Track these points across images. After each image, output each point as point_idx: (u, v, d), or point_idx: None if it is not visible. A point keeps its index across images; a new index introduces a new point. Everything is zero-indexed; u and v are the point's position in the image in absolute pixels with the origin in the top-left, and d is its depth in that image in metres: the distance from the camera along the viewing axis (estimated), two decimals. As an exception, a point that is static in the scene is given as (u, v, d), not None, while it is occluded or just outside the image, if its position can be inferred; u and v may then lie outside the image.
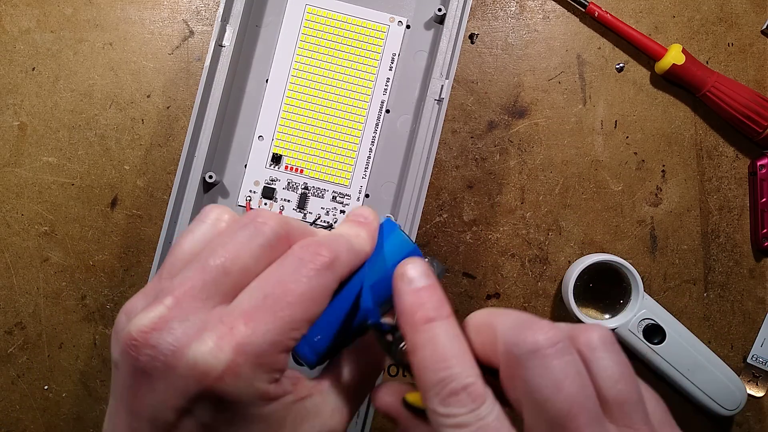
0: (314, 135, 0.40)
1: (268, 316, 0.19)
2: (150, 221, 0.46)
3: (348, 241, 0.21)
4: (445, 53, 0.38)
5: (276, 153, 0.40)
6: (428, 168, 0.37)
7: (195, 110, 0.37)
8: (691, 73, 0.46)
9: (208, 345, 0.18)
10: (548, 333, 0.18)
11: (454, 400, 0.18)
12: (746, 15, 0.48)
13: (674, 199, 0.48)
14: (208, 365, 0.18)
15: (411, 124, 0.40)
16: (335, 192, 0.40)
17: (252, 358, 0.18)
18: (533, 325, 0.19)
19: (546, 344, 0.18)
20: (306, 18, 0.41)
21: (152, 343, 0.18)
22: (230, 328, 0.18)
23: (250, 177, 0.40)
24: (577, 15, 0.48)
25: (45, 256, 0.46)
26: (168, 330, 0.18)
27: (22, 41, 0.46)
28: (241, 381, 0.18)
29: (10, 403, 0.45)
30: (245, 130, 0.40)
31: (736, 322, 0.47)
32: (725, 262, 0.48)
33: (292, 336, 0.19)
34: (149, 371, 0.18)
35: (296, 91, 0.40)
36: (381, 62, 0.40)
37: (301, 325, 0.19)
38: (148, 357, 0.18)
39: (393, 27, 0.41)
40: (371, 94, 0.40)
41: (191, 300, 0.19)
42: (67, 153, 0.46)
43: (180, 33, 0.47)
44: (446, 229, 0.47)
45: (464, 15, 0.38)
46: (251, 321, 0.19)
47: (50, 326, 0.46)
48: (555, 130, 0.47)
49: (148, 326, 0.18)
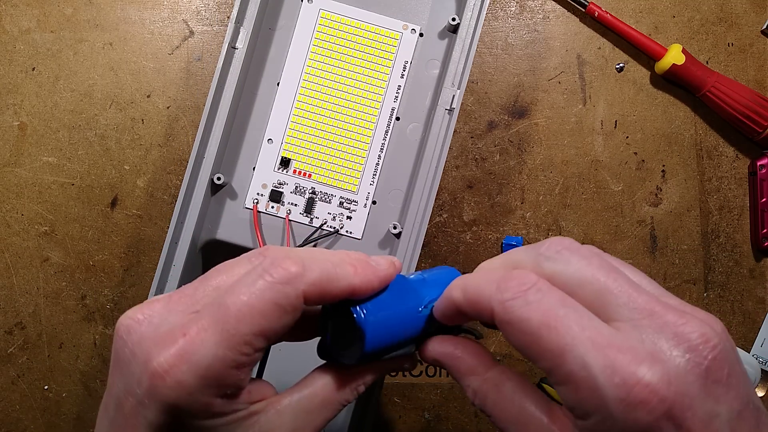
0: (323, 140, 0.40)
1: (215, 326, 0.19)
2: (150, 221, 0.46)
3: (327, 262, 0.21)
4: (457, 63, 0.38)
5: (285, 156, 0.40)
6: (437, 177, 0.37)
7: (206, 111, 0.37)
8: (691, 73, 0.46)
9: (163, 346, 0.19)
10: (513, 287, 0.19)
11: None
12: (746, 15, 0.48)
13: (674, 199, 0.48)
14: (155, 364, 0.18)
15: (421, 133, 0.40)
16: (342, 198, 0.40)
17: (194, 368, 0.18)
18: (501, 282, 0.19)
19: (515, 293, 0.19)
20: (319, 23, 0.41)
21: (128, 332, 0.20)
22: (183, 334, 0.19)
23: (258, 180, 0.40)
24: (577, 15, 0.48)
25: (45, 256, 0.46)
26: (145, 324, 0.20)
27: (22, 41, 0.46)
28: (183, 389, 0.18)
29: (10, 403, 0.45)
30: (255, 133, 0.40)
31: (736, 322, 0.47)
32: (725, 262, 0.48)
33: (242, 351, 0.19)
34: (120, 356, 0.20)
35: (307, 96, 0.40)
36: (393, 69, 0.40)
37: (249, 339, 0.19)
38: (121, 343, 0.20)
39: (406, 35, 0.41)
40: (382, 100, 0.40)
41: (179, 302, 0.20)
42: (67, 153, 0.46)
43: (180, 33, 0.47)
44: (446, 229, 0.47)
45: (478, 25, 0.38)
46: (202, 331, 0.19)
47: (50, 326, 0.46)
48: (555, 130, 0.47)
49: (132, 317, 0.20)
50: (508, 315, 0.18)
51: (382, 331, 0.22)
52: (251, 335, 0.19)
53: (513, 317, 0.18)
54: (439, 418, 0.46)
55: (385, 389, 0.46)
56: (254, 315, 0.19)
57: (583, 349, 0.17)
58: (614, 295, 0.18)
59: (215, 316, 0.19)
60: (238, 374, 0.19)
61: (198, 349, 0.18)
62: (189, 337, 0.19)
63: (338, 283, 0.21)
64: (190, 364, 0.18)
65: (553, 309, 0.18)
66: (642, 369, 0.16)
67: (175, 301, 0.20)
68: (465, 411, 0.46)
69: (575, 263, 0.19)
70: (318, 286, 0.20)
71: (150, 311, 0.20)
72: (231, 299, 0.19)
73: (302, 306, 0.20)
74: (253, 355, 0.19)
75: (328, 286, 0.20)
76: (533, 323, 0.18)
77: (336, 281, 0.21)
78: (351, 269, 0.21)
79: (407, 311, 0.22)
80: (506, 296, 0.19)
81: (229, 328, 0.19)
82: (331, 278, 0.20)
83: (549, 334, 0.18)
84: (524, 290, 0.18)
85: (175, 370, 0.18)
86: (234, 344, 0.19)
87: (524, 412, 0.20)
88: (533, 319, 0.18)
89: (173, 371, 0.18)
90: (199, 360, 0.18)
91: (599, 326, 0.18)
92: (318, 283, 0.20)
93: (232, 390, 0.19)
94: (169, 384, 0.18)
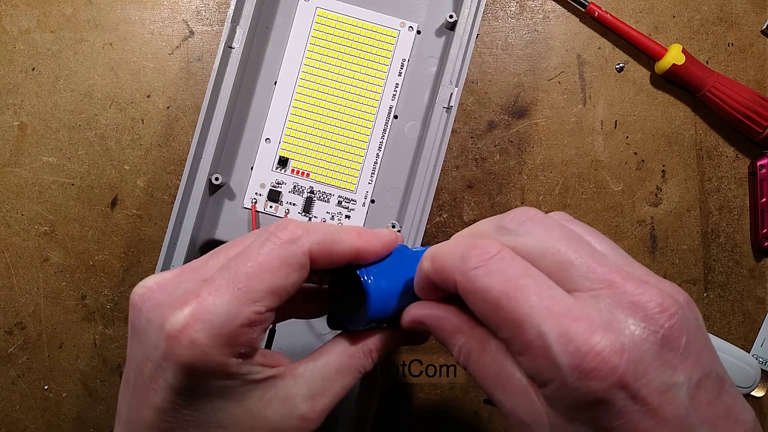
0: (321, 139, 0.40)
1: (227, 286, 0.19)
2: (150, 221, 0.46)
3: (330, 227, 0.22)
4: (455, 60, 0.38)
5: (283, 156, 0.40)
6: (435, 176, 0.37)
7: (203, 111, 0.37)
8: (691, 73, 0.46)
9: (176, 308, 0.19)
10: (475, 257, 0.19)
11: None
12: (746, 15, 0.48)
13: (674, 199, 0.48)
14: (169, 326, 0.19)
15: (419, 131, 0.40)
16: (341, 197, 0.40)
17: (208, 327, 0.19)
18: (465, 251, 0.19)
19: (478, 262, 0.19)
20: (316, 21, 0.41)
21: (143, 300, 0.20)
22: (196, 296, 0.19)
23: (256, 179, 0.40)
24: (577, 15, 0.48)
25: (45, 256, 0.46)
26: (158, 291, 0.20)
27: (22, 41, 0.46)
28: (198, 348, 0.19)
29: (10, 403, 0.45)
30: (252, 133, 0.40)
31: (736, 322, 0.47)
32: (725, 262, 0.48)
33: (253, 309, 0.19)
34: (136, 325, 0.20)
35: (304, 95, 0.40)
36: (390, 67, 0.40)
37: (260, 296, 0.20)
38: (137, 311, 0.20)
39: (403, 32, 0.41)
40: (380, 99, 0.40)
41: (191, 272, 0.21)
42: (67, 153, 0.46)
43: (180, 33, 0.47)
44: (446, 229, 0.47)
45: (476, 22, 0.38)
46: (214, 291, 0.19)
47: (50, 326, 0.46)
48: (555, 130, 0.47)
49: (146, 286, 0.21)
50: (470, 284, 0.19)
51: (386, 293, 0.22)
52: (262, 292, 0.20)
53: (475, 287, 0.18)
54: (440, 418, 0.46)
55: (385, 389, 0.46)
56: (264, 273, 0.20)
57: (540, 319, 0.17)
58: (574, 266, 0.18)
59: (226, 277, 0.20)
60: (251, 333, 0.20)
61: (211, 308, 0.19)
62: (201, 298, 0.19)
63: (342, 244, 0.22)
64: (204, 323, 0.19)
65: (513, 278, 0.18)
66: (596, 337, 0.16)
67: (188, 271, 0.21)
68: (465, 411, 0.46)
69: (537, 234, 0.19)
70: (323, 245, 0.21)
71: (163, 279, 0.21)
72: (241, 261, 0.20)
73: (308, 264, 0.21)
74: (265, 314, 0.20)
75: (333, 246, 0.21)
76: (494, 293, 0.18)
77: (340, 242, 0.22)
78: (354, 232, 0.22)
79: (410, 277, 0.23)
80: (469, 265, 0.19)
81: (240, 286, 0.19)
82: (335, 239, 0.22)
83: (509, 303, 0.18)
84: (486, 259, 0.18)
85: (189, 329, 0.19)
86: (246, 301, 0.19)
87: (505, 372, 0.19)
88: (494, 288, 0.18)
89: (187, 331, 0.19)
90: (212, 319, 0.19)
91: (558, 295, 0.18)
92: (323, 242, 0.21)
93: (246, 349, 0.20)
94: (185, 344, 0.19)
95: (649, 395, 0.16)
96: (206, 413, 0.20)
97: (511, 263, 0.18)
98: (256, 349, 0.20)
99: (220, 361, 0.19)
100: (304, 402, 0.21)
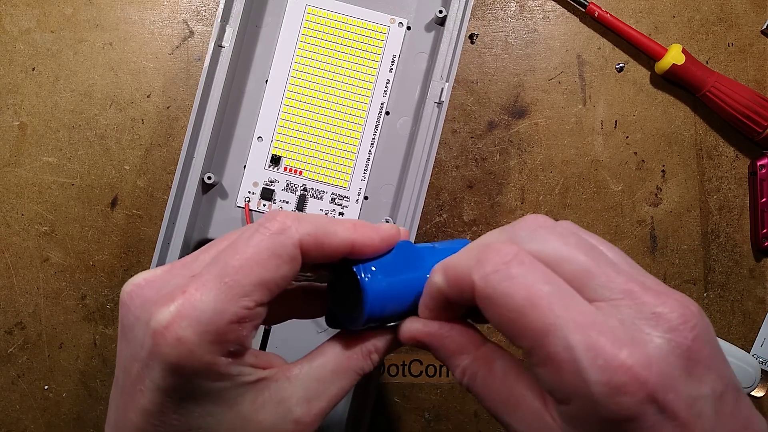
0: (314, 136, 0.40)
1: (214, 281, 0.19)
2: (150, 221, 0.46)
3: (323, 218, 0.21)
4: (445, 55, 0.38)
5: (275, 154, 0.40)
6: (427, 171, 0.37)
7: (194, 111, 0.37)
8: (691, 73, 0.46)
9: (162, 305, 0.18)
10: (494, 260, 0.18)
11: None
12: (746, 15, 0.48)
13: (674, 199, 0.48)
14: (155, 324, 0.18)
15: (411, 127, 0.40)
16: (334, 194, 0.40)
17: (194, 323, 0.18)
18: (481, 254, 0.18)
19: (497, 265, 0.18)
20: (306, 18, 0.41)
21: (131, 297, 0.20)
22: (182, 292, 0.19)
23: (249, 178, 0.40)
24: (577, 15, 0.48)
25: (45, 256, 0.46)
26: (147, 288, 0.20)
27: (22, 41, 0.46)
28: (184, 346, 0.18)
29: (10, 403, 0.45)
30: (244, 131, 0.40)
31: (736, 322, 0.47)
32: (725, 262, 0.48)
33: (241, 304, 0.19)
34: (124, 323, 0.20)
35: (296, 92, 0.40)
36: (381, 63, 0.40)
37: (249, 290, 0.19)
38: (125, 309, 0.20)
39: (393, 28, 0.41)
40: (371, 95, 0.40)
41: (181, 267, 0.20)
42: (67, 153, 0.46)
43: (180, 33, 0.47)
44: (446, 229, 0.47)
45: (465, 17, 0.38)
46: (201, 286, 0.19)
47: (50, 326, 0.46)
48: (555, 130, 0.47)
49: (134, 282, 0.20)
50: (489, 289, 0.18)
51: (386, 291, 0.21)
52: (250, 286, 0.19)
53: (495, 292, 0.17)
54: (439, 418, 0.46)
55: (385, 389, 0.46)
56: (252, 266, 0.19)
57: (567, 330, 0.16)
58: (593, 275, 0.18)
59: (214, 272, 0.19)
60: (240, 330, 0.19)
61: (198, 304, 0.18)
62: (188, 294, 0.18)
63: (336, 237, 0.21)
64: (191, 319, 0.18)
65: (537, 285, 0.17)
66: (624, 351, 0.16)
67: (178, 267, 0.20)
68: (465, 411, 0.46)
69: (552, 242, 0.18)
70: (314, 236, 0.20)
71: (152, 276, 0.20)
72: (229, 254, 0.19)
73: (299, 257, 0.20)
74: (254, 309, 0.19)
75: (325, 238, 0.20)
76: (516, 300, 0.17)
77: (334, 234, 0.21)
78: (349, 225, 0.21)
79: (413, 276, 0.22)
80: (487, 269, 0.18)
81: (228, 281, 0.18)
82: (328, 231, 0.20)
83: (533, 312, 0.17)
84: (506, 262, 0.18)
85: (175, 326, 0.18)
86: (233, 296, 0.18)
87: (515, 394, 0.19)
88: (516, 295, 0.17)
89: (173, 327, 0.18)
90: (198, 315, 0.18)
91: (582, 306, 0.17)
92: (314, 233, 0.20)
93: (235, 347, 0.19)
94: (170, 342, 0.18)
95: (678, 409, 0.16)
96: (195, 417, 0.19)
97: (531, 268, 0.17)
98: (246, 347, 0.20)
99: (207, 360, 0.18)
100: (299, 405, 0.20)
